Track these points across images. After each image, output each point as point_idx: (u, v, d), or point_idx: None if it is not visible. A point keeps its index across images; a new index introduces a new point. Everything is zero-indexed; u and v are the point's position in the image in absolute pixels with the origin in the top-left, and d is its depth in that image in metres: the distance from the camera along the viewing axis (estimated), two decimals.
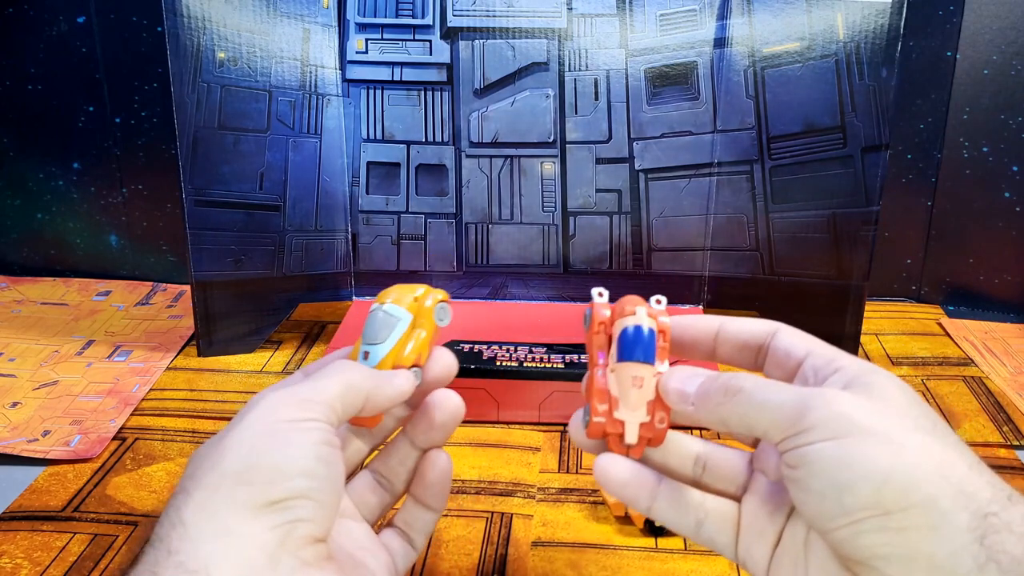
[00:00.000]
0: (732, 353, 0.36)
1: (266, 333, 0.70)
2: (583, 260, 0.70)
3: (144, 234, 0.82)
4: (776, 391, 0.31)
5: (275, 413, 0.32)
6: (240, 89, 0.64)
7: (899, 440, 0.28)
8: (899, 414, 0.29)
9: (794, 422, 0.29)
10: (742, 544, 0.35)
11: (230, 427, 0.32)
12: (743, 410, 0.31)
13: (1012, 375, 0.67)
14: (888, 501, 0.27)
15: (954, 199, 0.75)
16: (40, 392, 0.64)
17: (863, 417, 0.29)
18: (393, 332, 0.37)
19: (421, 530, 0.38)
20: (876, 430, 0.28)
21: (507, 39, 0.66)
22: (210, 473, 0.30)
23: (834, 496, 0.28)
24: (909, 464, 0.28)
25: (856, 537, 0.28)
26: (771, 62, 0.64)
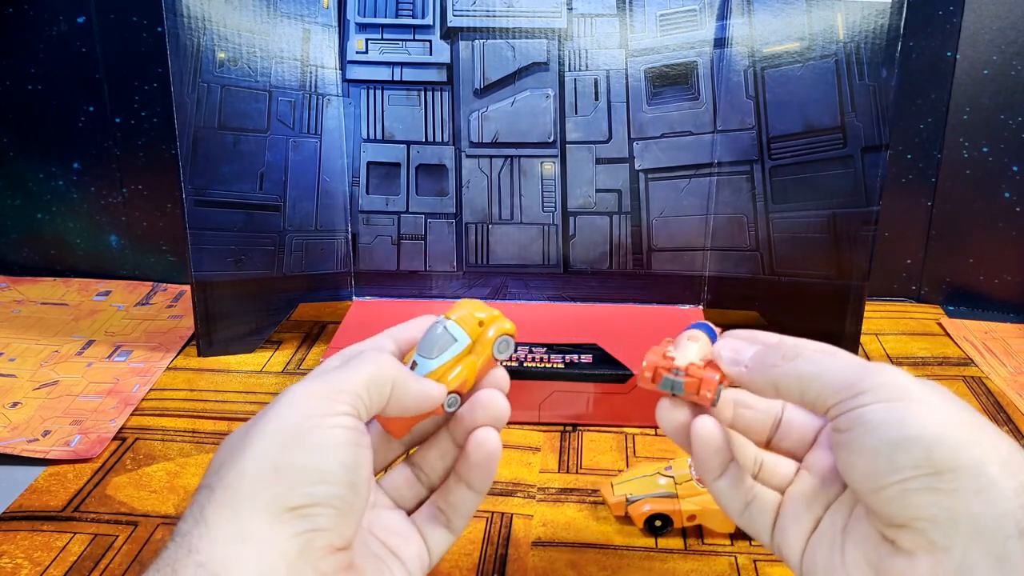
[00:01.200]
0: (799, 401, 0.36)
1: (266, 333, 0.70)
2: (583, 260, 0.70)
3: (144, 234, 0.82)
4: (834, 359, 0.32)
5: (304, 405, 0.31)
6: (240, 89, 0.64)
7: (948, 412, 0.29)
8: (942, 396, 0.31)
9: (849, 386, 0.30)
10: (778, 528, 0.36)
11: (259, 417, 0.31)
12: (798, 373, 0.32)
13: (1012, 375, 0.67)
14: (939, 460, 0.28)
15: (954, 199, 0.75)
16: (40, 392, 0.64)
17: (916, 388, 0.30)
18: (446, 352, 0.36)
19: (462, 512, 0.37)
20: (929, 399, 0.30)
21: (507, 39, 0.66)
22: (233, 469, 0.30)
23: (886, 453, 0.29)
24: (960, 429, 0.29)
25: (904, 496, 0.29)
26: (771, 62, 0.64)
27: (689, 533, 0.49)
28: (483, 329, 0.37)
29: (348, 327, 0.66)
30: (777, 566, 0.47)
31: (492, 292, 0.71)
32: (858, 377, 0.30)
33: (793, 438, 0.38)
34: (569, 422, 0.60)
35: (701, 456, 0.35)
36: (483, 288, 0.71)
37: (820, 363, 0.32)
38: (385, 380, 0.33)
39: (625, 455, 0.57)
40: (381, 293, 0.71)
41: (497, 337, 0.37)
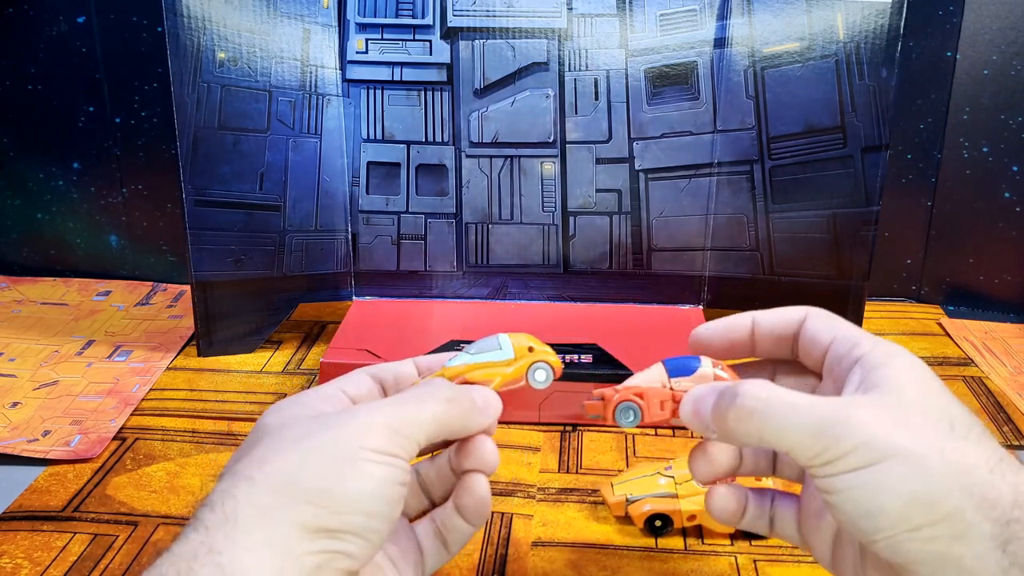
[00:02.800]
0: (771, 347, 0.37)
1: (266, 333, 0.70)
2: (583, 260, 0.70)
3: (144, 234, 0.82)
4: (791, 413, 0.30)
5: (364, 437, 0.31)
6: (240, 89, 0.64)
7: (922, 454, 0.29)
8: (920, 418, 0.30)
9: (818, 452, 0.30)
10: (803, 533, 0.37)
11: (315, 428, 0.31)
12: (760, 434, 0.31)
13: (1012, 375, 0.67)
14: (916, 518, 0.29)
15: (954, 199, 0.75)
16: (40, 392, 0.64)
17: (885, 437, 0.29)
18: (485, 354, 0.37)
19: (456, 539, 0.38)
20: (899, 449, 0.29)
21: (507, 39, 0.66)
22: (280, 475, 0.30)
23: (867, 519, 0.30)
24: (933, 480, 0.29)
25: (893, 548, 0.30)
26: (771, 62, 0.64)
27: (689, 533, 0.49)
28: (530, 354, 0.38)
29: (348, 327, 0.66)
30: (777, 566, 0.47)
31: (492, 292, 0.71)
32: (823, 442, 0.30)
33: None
34: (569, 422, 0.60)
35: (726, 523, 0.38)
36: (483, 288, 0.71)
37: (778, 421, 0.30)
38: (446, 429, 0.34)
39: (625, 455, 0.57)
40: (381, 293, 0.71)
41: (537, 360, 0.38)
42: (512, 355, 0.38)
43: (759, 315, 0.37)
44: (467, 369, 0.37)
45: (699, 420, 0.33)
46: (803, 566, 0.47)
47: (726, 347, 0.38)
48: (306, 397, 0.35)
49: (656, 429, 0.59)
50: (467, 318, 0.68)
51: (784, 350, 0.37)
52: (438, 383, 0.36)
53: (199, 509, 0.30)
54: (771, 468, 0.39)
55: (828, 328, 0.35)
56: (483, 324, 0.66)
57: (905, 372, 0.32)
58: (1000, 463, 0.30)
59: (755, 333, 0.37)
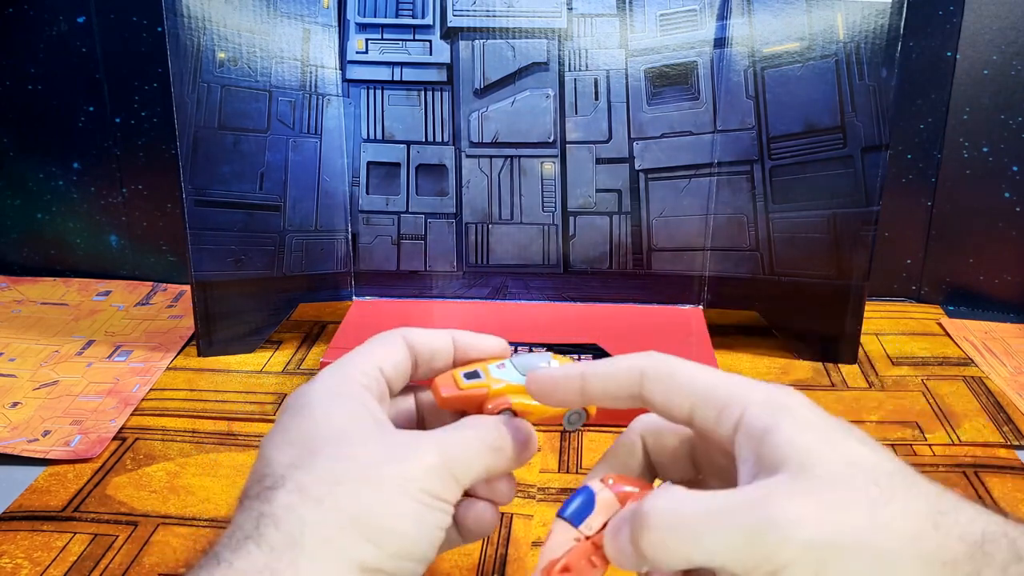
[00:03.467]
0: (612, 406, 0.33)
1: (266, 333, 0.70)
2: (583, 260, 0.70)
3: (144, 234, 0.82)
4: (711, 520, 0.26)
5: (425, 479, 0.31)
6: (240, 89, 0.64)
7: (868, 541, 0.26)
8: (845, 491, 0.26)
9: (759, 562, 0.26)
10: None
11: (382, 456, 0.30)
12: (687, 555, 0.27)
13: (1012, 375, 0.67)
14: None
15: (954, 199, 0.75)
16: (40, 392, 0.64)
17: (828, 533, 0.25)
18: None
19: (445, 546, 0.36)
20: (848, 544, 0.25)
21: (507, 39, 0.66)
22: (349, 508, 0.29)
23: None
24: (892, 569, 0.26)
25: None
26: (771, 62, 0.64)
27: None
28: None
29: (348, 327, 0.66)
30: None
31: (492, 292, 0.71)
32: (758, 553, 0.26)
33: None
34: None
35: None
36: (483, 288, 0.71)
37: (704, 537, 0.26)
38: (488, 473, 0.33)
39: None
40: (381, 293, 0.71)
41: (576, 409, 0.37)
42: None
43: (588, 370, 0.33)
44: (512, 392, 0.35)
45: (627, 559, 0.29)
46: None
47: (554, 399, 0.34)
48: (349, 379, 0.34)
49: None
50: (467, 318, 0.68)
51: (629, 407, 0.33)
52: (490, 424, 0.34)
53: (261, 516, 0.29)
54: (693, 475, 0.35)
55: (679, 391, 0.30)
56: (483, 324, 0.66)
57: (798, 433, 0.28)
58: (940, 513, 0.27)
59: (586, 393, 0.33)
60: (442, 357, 0.37)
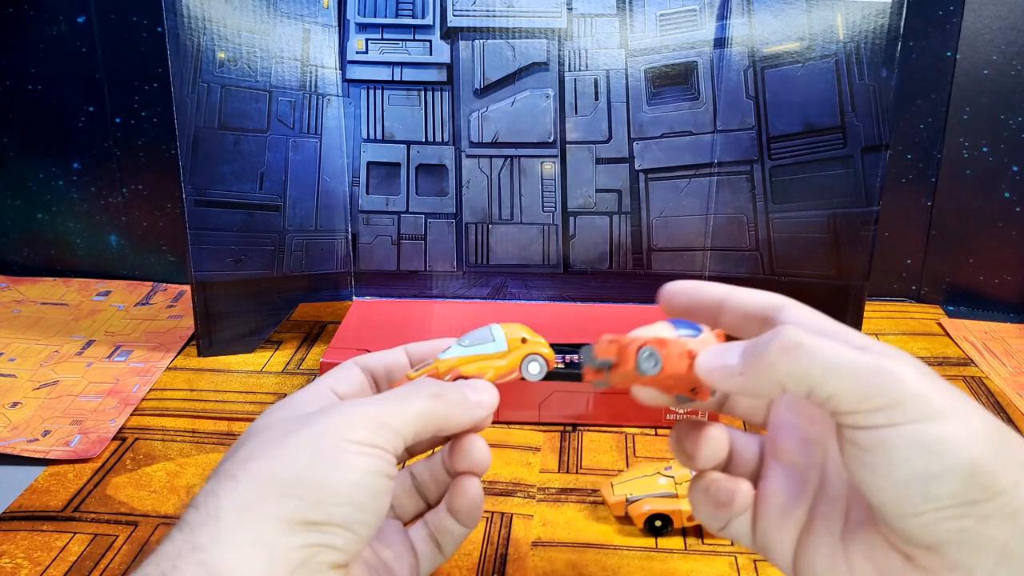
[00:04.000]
0: (737, 322, 0.35)
1: (266, 333, 0.70)
2: (583, 260, 0.70)
3: (144, 234, 0.82)
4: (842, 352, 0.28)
5: (347, 430, 0.31)
6: (240, 89, 0.64)
7: (975, 424, 0.27)
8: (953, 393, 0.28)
9: (868, 396, 0.27)
10: (759, 532, 0.35)
11: (298, 426, 0.31)
12: (807, 369, 0.28)
13: (1012, 375, 0.67)
14: (976, 490, 0.27)
15: (954, 199, 0.75)
16: (40, 392, 0.64)
17: (938, 397, 0.27)
18: (478, 346, 0.37)
19: (449, 541, 0.37)
20: (954, 412, 0.27)
21: (507, 39, 0.66)
22: (262, 472, 0.30)
23: (920, 484, 0.27)
24: (991, 449, 0.27)
25: (935, 523, 0.27)
26: (771, 62, 0.64)
27: (689, 533, 0.49)
28: (523, 346, 0.37)
29: (348, 327, 0.66)
30: None
31: (492, 292, 0.71)
32: (877, 386, 0.27)
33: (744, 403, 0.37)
34: (569, 422, 0.60)
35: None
36: (483, 288, 0.71)
37: (827, 359, 0.28)
38: (433, 423, 0.34)
39: (625, 455, 0.57)
40: (381, 293, 0.71)
41: (530, 353, 0.37)
42: (505, 347, 0.37)
43: (734, 290, 0.35)
44: (460, 362, 0.37)
45: (724, 368, 0.30)
46: None
47: (689, 307, 0.36)
48: (295, 400, 0.35)
49: (656, 429, 0.59)
50: (467, 318, 0.68)
51: (751, 331, 0.34)
52: (426, 380, 0.35)
53: (185, 511, 0.30)
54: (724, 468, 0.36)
55: (812, 321, 0.32)
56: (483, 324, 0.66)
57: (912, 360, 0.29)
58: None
59: (725, 305, 0.35)
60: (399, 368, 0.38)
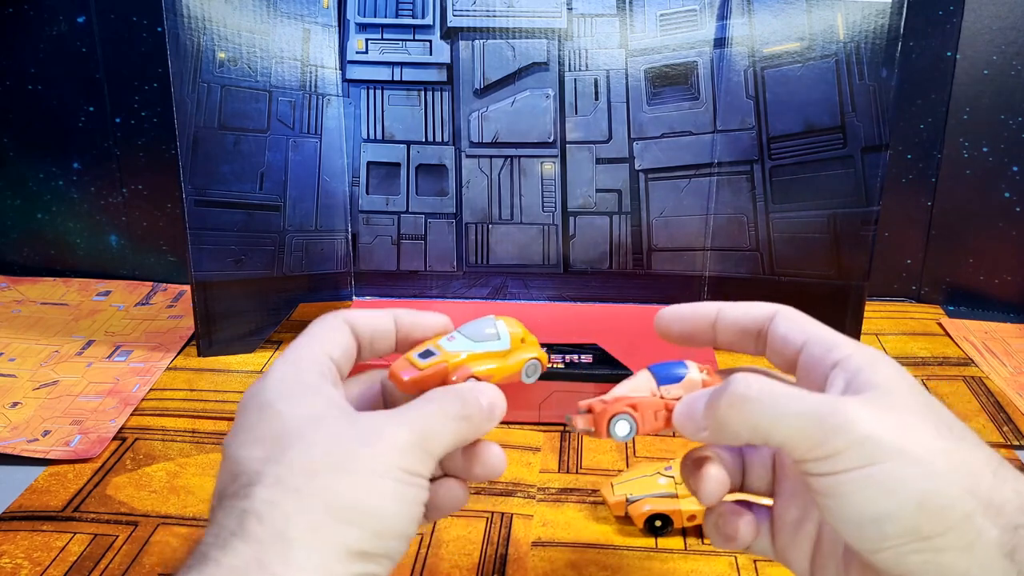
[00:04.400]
0: (733, 339, 0.36)
1: (266, 333, 0.70)
2: (583, 260, 0.70)
3: (144, 234, 0.82)
4: (787, 402, 0.29)
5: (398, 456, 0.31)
6: (240, 89, 0.64)
7: (926, 456, 0.28)
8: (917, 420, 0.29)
9: (816, 444, 0.28)
10: (778, 544, 0.35)
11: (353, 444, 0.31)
12: (754, 423, 0.30)
13: (1012, 375, 0.67)
14: (926, 527, 0.28)
15: (954, 199, 0.75)
16: (40, 392, 0.64)
17: (887, 436, 0.28)
18: (488, 343, 0.37)
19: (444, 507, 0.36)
20: (903, 449, 0.28)
21: (507, 39, 0.66)
22: (329, 494, 0.29)
23: (872, 525, 0.28)
24: (941, 483, 0.28)
25: (896, 559, 0.28)
26: (771, 62, 0.64)
27: (689, 533, 0.49)
28: (522, 345, 0.38)
29: None
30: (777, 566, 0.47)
31: (492, 292, 0.71)
32: (822, 433, 0.28)
33: None
34: None
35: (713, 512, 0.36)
36: (483, 288, 0.71)
37: (774, 411, 0.29)
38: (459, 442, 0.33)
39: (625, 455, 0.57)
40: (381, 293, 0.71)
41: (531, 359, 0.38)
42: (508, 346, 0.37)
43: (725, 306, 0.36)
44: (471, 360, 0.36)
45: (691, 422, 0.32)
46: None
47: (687, 333, 0.36)
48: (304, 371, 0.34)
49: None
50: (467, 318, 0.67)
51: (748, 345, 0.35)
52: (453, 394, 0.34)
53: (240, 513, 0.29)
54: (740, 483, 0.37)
55: (800, 329, 0.34)
56: None
57: (891, 375, 0.31)
58: (1000, 467, 0.29)
59: (718, 323, 0.36)
60: (384, 337, 0.37)
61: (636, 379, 0.35)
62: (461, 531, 0.49)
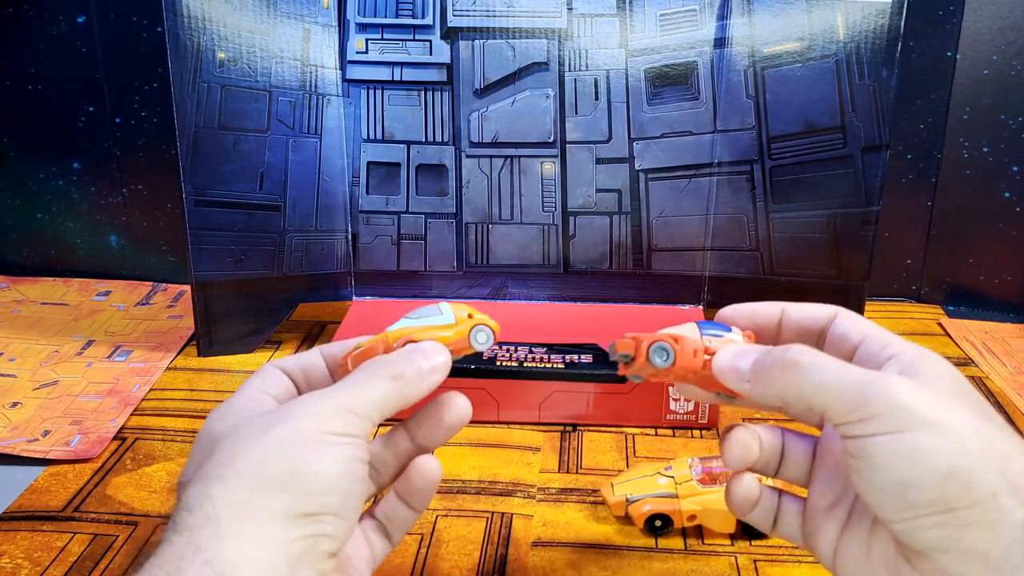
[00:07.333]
0: (796, 337, 0.37)
1: (266, 333, 0.70)
2: (583, 260, 0.70)
3: (144, 234, 0.82)
4: (836, 370, 0.31)
5: (322, 422, 0.32)
6: (240, 89, 0.64)
7: (959, 433, 0.29)
8: (956, 402, 0.30)
9: (855, 408, 0.30)
10: (807, 529, 0.36)
11: (272, 423, 0.32)
12: (801, 386, 0.31)
13: (1012, 375, 0.67)
14: (951, 498, 0.28)
15: (954, 199, 0.75)
16: (40, 392, 0.64)
17: (924, 408, 0.29)
18: (426, 319, 0.38)
19: (400, 527, 0.38)
20: (937, 422, 0.29)
21: (507, 39, 0.66)
22: (250, 469, 0.30)
23: (897, 491, 0.29)
24: (970, 459, 0.28)
25: (917, 531, 0.29)
26: (771, 62, 0.64)
27: (689, 533, 0.49)
28: (469, 320, 0.38)
29: (348, 327, 0.66)
30: (777, 566, 0.47)
31: (492, 292, 0.71)
32: (861, 399, 0.30)
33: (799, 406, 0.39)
34: (569, 422, 0.60)
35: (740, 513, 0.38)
36: (483, 288, 0.71)
37: (820, 378, 0.31)
38: (396, 401, 0.34)
39: (625, 455, 0.57)
40: (381, 293, 0.71)
41: (477, 324, 0.38)
42: (452, 320, 0.38)
43: (789, 306, 0.37)
44: (409, 332, 0.37)
45: (735, 371, 0.34)
46: (803, 566, 0.47)
47: (750, 328, 0.38)
48: (239, 402, 0.35)
49: (656, 429, 0.59)
50: None
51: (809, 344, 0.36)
52: (382, 361, 0.35)
53: (176, 515, 0.30)
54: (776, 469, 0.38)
55: (858, 328, 0.35)
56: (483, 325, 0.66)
57: (942, 369, 0.32)
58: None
59: (783, 322, 0.37)
60: (314, 369, 0.38)
61: (682, 327, 0.36)
62: (461, 531, 0.49)
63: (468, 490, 0.53)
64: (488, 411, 0.60)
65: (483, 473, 0.55)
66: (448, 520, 0.50)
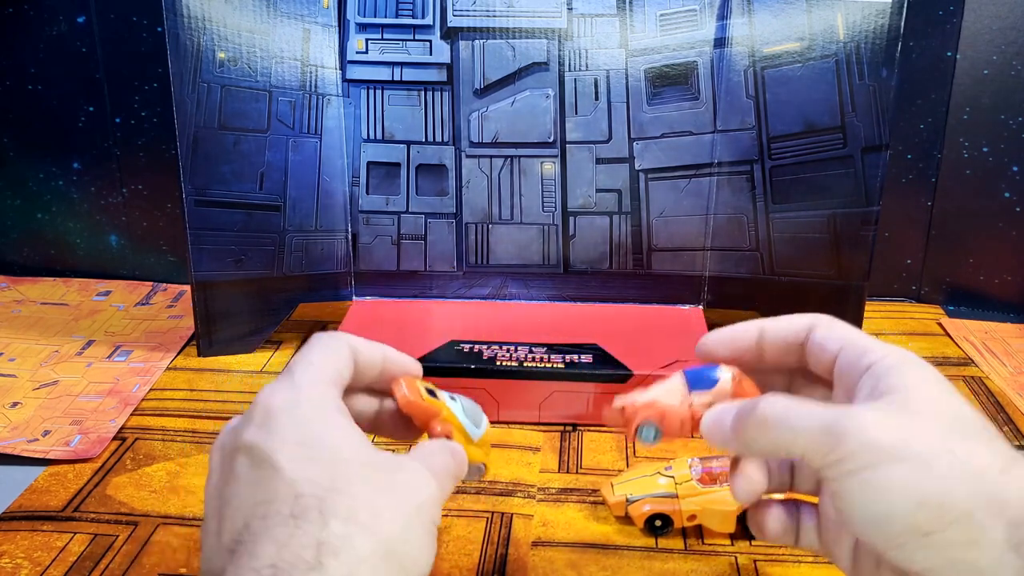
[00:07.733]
0: (779, 356, 0.37)
1: (266, 333, 0.70)
2: (583, 260, 0.70)
3: (144, 234, 0.82)
4: (803, 415, 0.31)
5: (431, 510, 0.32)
6: (240, 89, 0.64)
7: (926, 457, 0.29)
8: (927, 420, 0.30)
9: (828, 450, 0.30)
10: (824, 540, 0.36)
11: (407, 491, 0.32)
12: (775, 441, 0.32)
13: (1012, 375, 0.67)
14: (925, 524, 0.29)
15: (954, 199, 0.75)
16: (40, 392, 0.64)
17: (889, 440, 0.29)
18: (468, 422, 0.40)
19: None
20: (904, 453, 0.29)
21: (507, 39, 0.66)
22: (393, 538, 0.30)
23: (875, 525, 0.29)
24: (941, 483, 0.29)
25: (906, 557, 0.29)
26: (771, 62, 0.64)
27: (689, 533, 0.49)
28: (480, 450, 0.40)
29: (348, 327, 0.66)
30: (777, 566, 0.47)
31: (492, 292, 0.71)
32: (833, 439, 0.30)
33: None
34: (569, 422, 0.60)
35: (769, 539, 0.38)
36: (483, 288, 0.71)
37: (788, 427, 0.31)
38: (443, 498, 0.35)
39: (625, 455, 0.57)
40: (381, 293, 0.71)
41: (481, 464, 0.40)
42: (477, 439, 0.40)
43: (766, 324, 0.37)
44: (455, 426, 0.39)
45: (719, 435, 0.34)
46: (803, 566, 0.47)
47: (733, 357, 0.38)
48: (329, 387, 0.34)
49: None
50: (467, 318, 0.67)
51: (792, 358, 0.37)
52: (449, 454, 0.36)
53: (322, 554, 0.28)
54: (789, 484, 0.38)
55: (836, 337, 0.35)
56: (483, 324, 0.66)
57: (914, 376, 0.32)
58: (1013, 464, 0.29)
59: (762, 342, 0.37)
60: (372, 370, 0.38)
61: (669, 383, 0.37)
62: (461, 531, 0.49)
63: (468, 490, 0.53)
64: (488, 411, 0.59)
65: None
66: (448, 520, 0.50)
